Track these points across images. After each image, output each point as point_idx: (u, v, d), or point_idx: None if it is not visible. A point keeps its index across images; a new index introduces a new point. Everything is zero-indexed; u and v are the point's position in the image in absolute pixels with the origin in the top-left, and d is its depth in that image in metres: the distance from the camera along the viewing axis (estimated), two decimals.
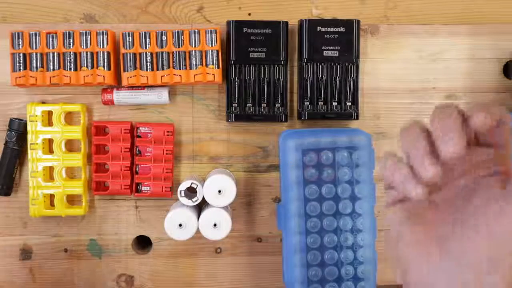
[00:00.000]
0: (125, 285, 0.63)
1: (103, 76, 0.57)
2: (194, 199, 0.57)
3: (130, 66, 0.58)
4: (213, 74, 0.57)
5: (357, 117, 0.60)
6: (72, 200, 0.62)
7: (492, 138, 0.30)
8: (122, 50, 0.57)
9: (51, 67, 0.57)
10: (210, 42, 0.57)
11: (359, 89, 0.60)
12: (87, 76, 0.57)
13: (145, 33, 0.57)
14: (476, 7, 0.63)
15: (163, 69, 0.58)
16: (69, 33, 0.57)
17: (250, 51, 0.58)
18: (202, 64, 0.58)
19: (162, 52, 0.57)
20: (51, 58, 0.57)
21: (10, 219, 0.61)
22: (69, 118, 0.61)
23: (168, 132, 0.60)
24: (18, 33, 0.57)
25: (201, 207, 0.60)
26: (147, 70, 0.58)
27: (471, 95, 0.63)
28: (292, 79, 0.62)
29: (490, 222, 0.27)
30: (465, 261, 0.27)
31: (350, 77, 0.60)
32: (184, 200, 0.57)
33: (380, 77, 0.62)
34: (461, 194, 0.29)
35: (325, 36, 0.59)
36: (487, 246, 0.27)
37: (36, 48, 0.57)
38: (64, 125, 0.60)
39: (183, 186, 0.57)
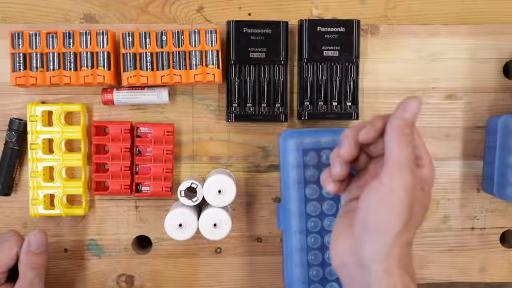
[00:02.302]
0: (125, 285, 0.63)
1: (103, 76, 0.57)
2: (194, 199, 0.57)
3: (130, 66, 0.58)
4: (213, 74, 0.57)
5: (357, 117, 0.60)
6: (72, 200, 0.62)
7: (377, 149, 0.43)
8: (122, 50, 0.57)
9: (51, 67, 0.57)
10: (210, 42, 0.57)
11: (359, 89, 0.60)
12: (87, 76, 0.57)
13: (145, 33, 0.57)
14: (476, 7, 0.63)
15: (163, 69, 0.58)
16: (69, 33, 0.57)
17: (250, 51, 0.58)
18: (202, 64, 0.58)
19: (162, 52, 0.58)
20: (51, 58, 0.57)
21: (10, 219, 0.61)
22: (69, 118, 0.61)
23: (168, 132, 0.60)
24: (18, 33, 0.57)
25: (201, 207, 0.60)
26: (147, 70, 0.58)
27: (471, 95, 0.63)
28: (292, 79, 0.62)
29: (364, 205, 0.41)
30: (356, 230, 0.41)
31: (350, 77, 0.60)
32: (184, 200, 0.57)
33: (380, 77, 0.62)
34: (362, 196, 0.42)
35: (325, 36, 0.59)
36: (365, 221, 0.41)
37: (36, 48, 0.57)
38: (64, 125, 0.60)
39: (183, 186, 0.57)
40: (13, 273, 0.54)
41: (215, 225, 0.57)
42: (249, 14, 0.62)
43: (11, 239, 0.54)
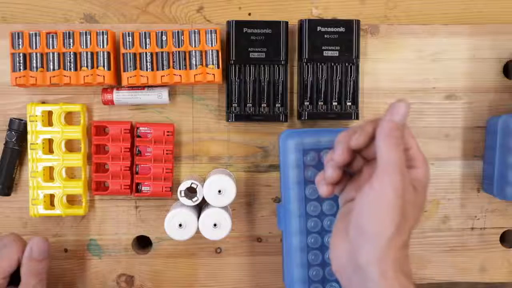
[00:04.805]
0: (125, 285, 0.63)
1: (103, 76, 0.57)
2: (194, 199, 0.57)
3: (130, 66, 0.58)
4: (213, 74, 0.57)
5: (357, 117, 0.60)
6: (72, 200, 0.62)
7: (370, 153, 0.44)
8: (122, 50, 0.57)
9: (51, 67, 0.57)
10: (210, 42, 0.57)
11: (359, 89, 0.60)
12: (87, 76, 0.57)
13: (145, 33, 0.57)
14: (476, 7, 0.63)
15: (163, 69, 0.58)
16: (69, 33, 0.57)
17: (250, 51, 0.58)
18: (202, 64, 0.58)
19: (162, 52, 0.58)
20: (51, 58, 0.57)
21: (10, 219, 0.61)
22: (69, 118, 0.61)
23: (168, 132, 0.60)
24: (18, 33, 0.57)
25: (201, 207, 0.60)
26: (147, 70, 0.58)
27: (471, 95, 0.63)
28: (292, 79, 0.62)
29: (358, 205, 0.41)
30: (351, 234, 0.42)
31: (350, 77, 0.60)
32: (184, 200, 0.57)
33: (380, 77, 0.62)
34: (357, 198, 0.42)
35: (325, 36, 0.59)
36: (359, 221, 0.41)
37: (36, 48, 0.57)
38: (64, 125, 0.60)
39: (183, 186, 0.57)
40: (13, 278, 0.54)
41: (215, 225, 0.57)
42: (249, 14, 0.62)
43: (12, 245, 0.54)
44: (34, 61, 0.57)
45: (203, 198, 0.57)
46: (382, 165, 0.40)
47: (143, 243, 0.64)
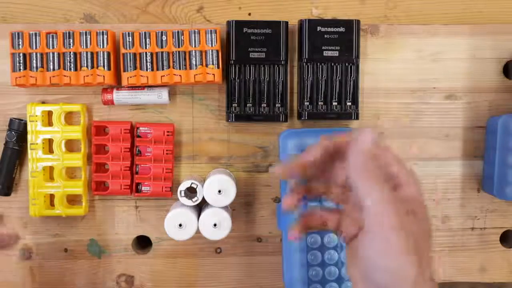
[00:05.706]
0: (125, 285, 0.63)
1: (103, 76, 0.57)
2: (194, 199, 0.57)
3: (130, 66, 0.58)
4: (213, 74, 0.57)
5: (357, 117, 0.60)
6: (72, 200, 0.62)
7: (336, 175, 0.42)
8: (122, 50, 0.57)
9: (51, 67, 0.57)
10: (210, 42, 0.57)
11: (359, 89, 0.60)
12: (87, 76, 0.57)
13: (145, 33, 0.57)
14: (476, 7, 0.63)
15: (163, 69, 0.58)
16: (69, 33, 0.57)
17: (250, 51, 0.58)
18: (202, 64, 0.58)
19: (162, 52, 0.57)
20: (51, 58, 0.57)
21: (10, 219, 0.61)
22: (69, 118, 0.61)
23: (168, 132, 0.60)
24: (18, 33, 0.57)
25: (201, 207, 0.60)
26: (147, 70, 0.58)
27: (471, 95, 0.63)
28: (292, 79, 0.62)
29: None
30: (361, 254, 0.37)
31: (350, 77, 0.60)
32: (184, 200, 0.57)
33: (380, 77, 0.62)
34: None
35: (325, 36, 0.59)
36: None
37: (36, 48, 0.57)
38: (64, 125, 0.60)
39: (183, 186, 0.57)
40: None
41: (215, 225, 0.57)
42: (249, 14, 0.62)
43: None
44: (34, 61, 0.57)
45: (203, 198, 0.57)
46: (369, 208, 0.35)
47: (143, 243, 0.64)
